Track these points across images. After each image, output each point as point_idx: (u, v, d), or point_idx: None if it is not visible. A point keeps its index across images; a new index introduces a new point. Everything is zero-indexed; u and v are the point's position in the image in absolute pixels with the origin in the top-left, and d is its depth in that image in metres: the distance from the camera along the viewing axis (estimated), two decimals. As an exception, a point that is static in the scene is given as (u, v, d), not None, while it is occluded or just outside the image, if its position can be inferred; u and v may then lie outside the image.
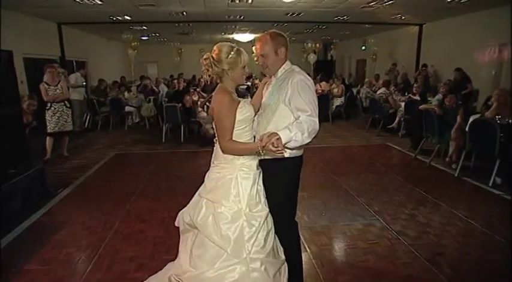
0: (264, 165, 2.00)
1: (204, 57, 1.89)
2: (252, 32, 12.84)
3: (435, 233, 3.16)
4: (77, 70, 9.34)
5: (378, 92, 7.86)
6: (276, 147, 1.64)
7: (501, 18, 7.98)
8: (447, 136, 4.98)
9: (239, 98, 1.94)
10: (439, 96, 6.23)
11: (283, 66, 2.04)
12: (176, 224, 2.10)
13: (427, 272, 2.57)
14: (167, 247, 2.89)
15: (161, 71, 16.60)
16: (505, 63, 7.78)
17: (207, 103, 6.94)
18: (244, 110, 1.89)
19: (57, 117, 5.41)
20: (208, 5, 7.77)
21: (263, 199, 1.95)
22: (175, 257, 2.09)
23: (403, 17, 9.44)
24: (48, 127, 5.41)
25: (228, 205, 1.85)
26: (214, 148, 2.02)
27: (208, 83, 2.10)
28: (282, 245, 2.02)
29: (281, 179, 2.01)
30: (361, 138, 7.14)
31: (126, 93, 9.30)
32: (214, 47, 1.89)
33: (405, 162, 5.49)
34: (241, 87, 9.72)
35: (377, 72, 11.57)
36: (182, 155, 6.14)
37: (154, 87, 9.85)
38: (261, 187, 1.96)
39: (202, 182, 2.04)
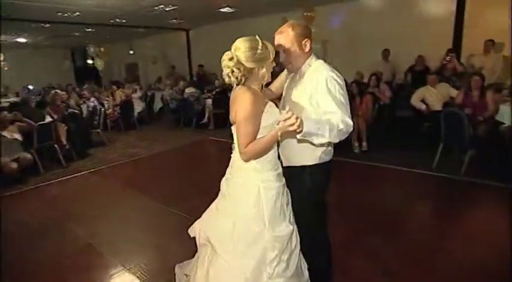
0: (291, 173, 1.81)
1: (227, 57, 1.63)
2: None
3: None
4: None
5: (187, 91, 8.25)
6: (292, 124, 1.42)
7: (255, 27, 10.26)
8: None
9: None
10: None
11: (308, 61, 1.82)
12: (192, 235, 1.96)
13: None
14: None
15: None
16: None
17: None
18: (269, 116, 1.66)
19: None
20: None
21: (288, 215, 1.77)
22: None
23: (181, 21, 10.16)
24: None
25: (249, 224, 1.69)
26: (232, 159, 1.82)
27: (235, 86, 1.70)
28: (310, 258, 1.89)
29: (309, 187, 1.83)
30: (183, 138, 7.33)
31: None
32: (238, 45, 1.64)
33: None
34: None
35: (159, 75, 12.00)
36: None
37: None
38: (286, 201, 1.78)
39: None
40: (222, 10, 8.94)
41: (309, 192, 1.84)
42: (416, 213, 3.66)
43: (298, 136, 1.52)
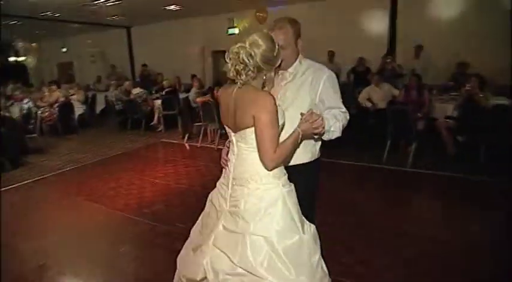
0: (291, 171, 1.68)
1: (247, 53, 1.42)
2: None
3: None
4: None
5: (134, 92, 7.82)
6: (317, 127, 1.45)
7: (202, 27, 10.13)
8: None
9: None
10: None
11: (298, 59, 1.80)
12: (194, 277, 1.58)
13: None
14: None
15: None
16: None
17: None
18: (280, 117, 1.50)
19: None
20: None
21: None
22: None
23: (122, 18, 9.60)
24: None
25: (287, 235, 1.49)
26: (234, 170, 1.59)
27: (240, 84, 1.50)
28: None
29: (311, 182, 1.85)
30: (133, 142, 6.93)
31: None
32: (259, 41, 1.44)
33: (192, 149, 6.16)
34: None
35: (99, 74, 11.22)
36: None
37: None
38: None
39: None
40: (168, 8, 8.67)
41: (311, 187, 1.85)
42: (374, 203, 3.93)
43: (316, 135, 1.54)
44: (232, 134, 1.58)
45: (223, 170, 1.76)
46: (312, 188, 1.88)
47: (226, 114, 1.57)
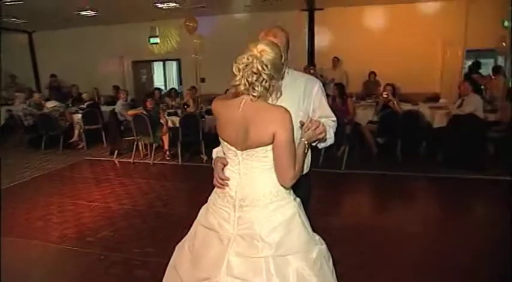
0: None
1: (261, 63, 1.32)
2: None
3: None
4: None
5: (49, 106, 6.90)
6: (320, 132, 1.47)
7: (121, 35, 9.52)
8: (158, 133, 5.83)
9: None
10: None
11: (286, 68, 1.66)
12: None
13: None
14: None
15: None
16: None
17: None
18: None
19: None
20: None
21: None
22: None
23: (24, 22, 8.47)
24: None
25: (308, 249, 1.46)
26: (243, 190, 1.46)
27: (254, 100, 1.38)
28: None
29: (309, 193, 1.91)
30: (52, 162, 6.09)
31: None
32: (266, 49, 1.35)
33: (125, 167, 5.74)
34: None
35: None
36: None
37: None
38: None
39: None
40: (82, 13, 7.95)
41: (308, 197, 1.88)
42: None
43: (318, 142, 1.61)
44: (238, 152, 1.45)
45: (215, 191, 1.59)
46: (309, 198, 1.92)
47: (229, 129, 1.44)
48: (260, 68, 1.32)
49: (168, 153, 5.96)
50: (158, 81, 11.89)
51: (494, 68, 8.16)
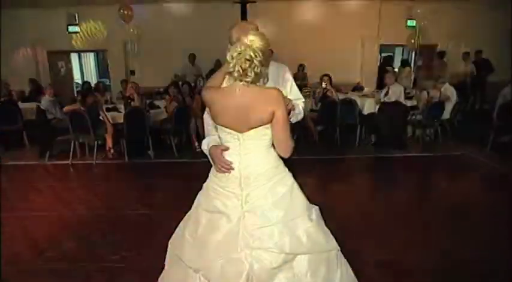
0: None
1: (253, 51, 1.44)
2: None
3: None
4: None
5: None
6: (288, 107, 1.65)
7: (34, 21, 8.37)
8: (100, 131, 5.42)
9: None
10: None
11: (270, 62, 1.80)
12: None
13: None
14: None
15: None
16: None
17: None
18: None
19: None
20: None
21: None
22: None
23: None
24: None
25: (309, 209, 1.68)
26: (241, 168, 1.58)
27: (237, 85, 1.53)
28: None
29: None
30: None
31: None
32: (256, 38, 1.47)
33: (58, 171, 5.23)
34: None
35: None
36: None
37: None
38: None
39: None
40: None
41: None
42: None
43: (291, 118, 1.77)
44: (239, 134, 1.56)
45: (214, 175, 1.69)
46: None
47: (228, 115, 1.54)
48: (253, 55, 1.44)
49: (112, 151, 5.59)
50: (75, 75, 10.82)
51: (402, 61, 9.50)
